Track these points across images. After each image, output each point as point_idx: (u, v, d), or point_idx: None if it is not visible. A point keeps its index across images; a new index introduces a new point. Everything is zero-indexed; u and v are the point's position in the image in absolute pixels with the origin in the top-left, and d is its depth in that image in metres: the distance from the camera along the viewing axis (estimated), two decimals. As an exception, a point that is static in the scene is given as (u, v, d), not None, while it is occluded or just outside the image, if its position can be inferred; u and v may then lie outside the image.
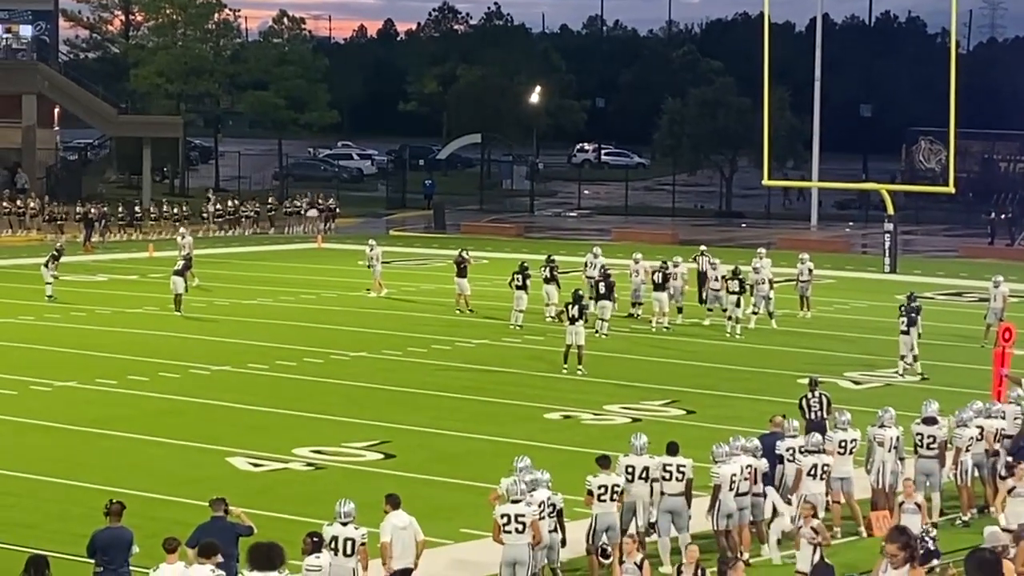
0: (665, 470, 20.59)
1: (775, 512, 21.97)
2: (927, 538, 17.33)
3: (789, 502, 21.54)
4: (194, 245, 52.40)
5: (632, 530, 19.85)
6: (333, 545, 17.46)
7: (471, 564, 20.13)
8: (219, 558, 16.30)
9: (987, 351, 33.63)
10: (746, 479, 20.82)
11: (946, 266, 57.99)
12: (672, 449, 20.82)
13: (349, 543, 17.51)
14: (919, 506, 19.39)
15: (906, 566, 12.07)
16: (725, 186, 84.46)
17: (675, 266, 42.47)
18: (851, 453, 22.52)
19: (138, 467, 25.67)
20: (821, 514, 21.32)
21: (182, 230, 54.98)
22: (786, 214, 79.19)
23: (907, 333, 34.42)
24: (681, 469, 20.56)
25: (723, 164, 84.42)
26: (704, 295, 43.58)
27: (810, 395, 25.03)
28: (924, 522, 18.33)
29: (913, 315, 34.62)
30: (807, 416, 24.64)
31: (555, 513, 19.30)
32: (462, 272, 43.77)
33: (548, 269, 42.65)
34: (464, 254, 44.57)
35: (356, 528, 17.63)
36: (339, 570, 17.35)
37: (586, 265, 44.97)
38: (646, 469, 20.74)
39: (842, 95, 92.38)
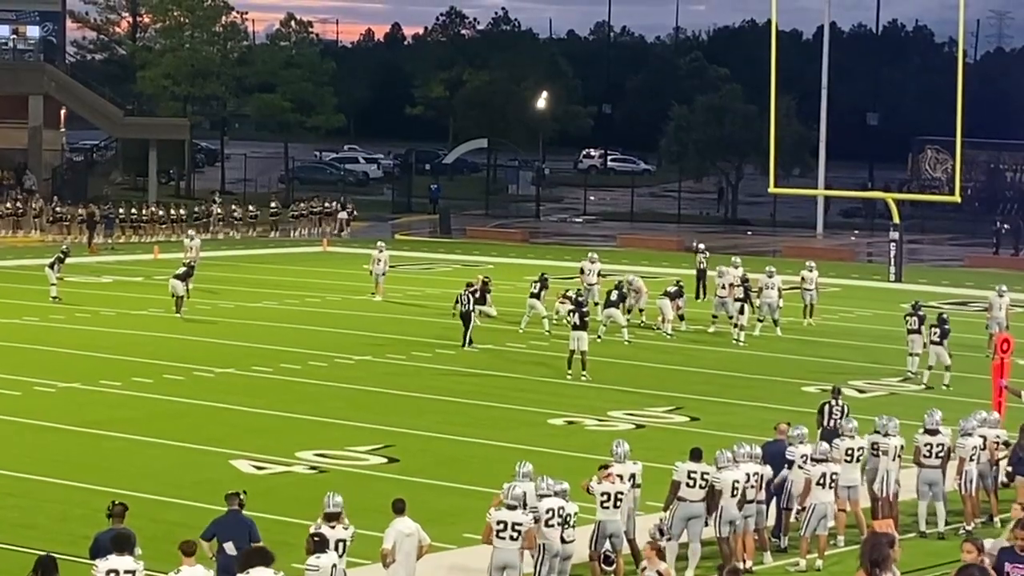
0: (690, 477, 20.48)
1: (778, 519, 21.93)
2: None
3: (798, 510, 21.47)
4: (200, 248, 52.43)
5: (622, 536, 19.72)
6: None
7: (473, 570, 20.08)
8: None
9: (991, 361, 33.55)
10: (752, 486, 20.73)
11: (951, 275, 57.90)
12: (696, 455, 20.69)
13: (340, 544, 17.49)
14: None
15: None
16: (731, 193, 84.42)
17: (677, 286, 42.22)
18: (858, 461, 22.46)
19: (141, 469, 25.65)
20: (829, 523, 21.30)
21: (191, 232, 55.01)
22: (792, 222, 79.13)
23: None
24: (705, 476, 20.45)
25: (729, 171, 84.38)
26: (702, 292, 43.53)
27: (833, 402, 24.98)
28: None
29: (931, 325, 34.79)
30: (825, 422, 24.59)
31: (568, 522, 19.12)
32: (482, 299, 43.28)
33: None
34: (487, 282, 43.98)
35: (345, 528, 17.65)
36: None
37: (583, 271, 45.05)
38: (632, 476, 20.68)
39: (849, 103, 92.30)
